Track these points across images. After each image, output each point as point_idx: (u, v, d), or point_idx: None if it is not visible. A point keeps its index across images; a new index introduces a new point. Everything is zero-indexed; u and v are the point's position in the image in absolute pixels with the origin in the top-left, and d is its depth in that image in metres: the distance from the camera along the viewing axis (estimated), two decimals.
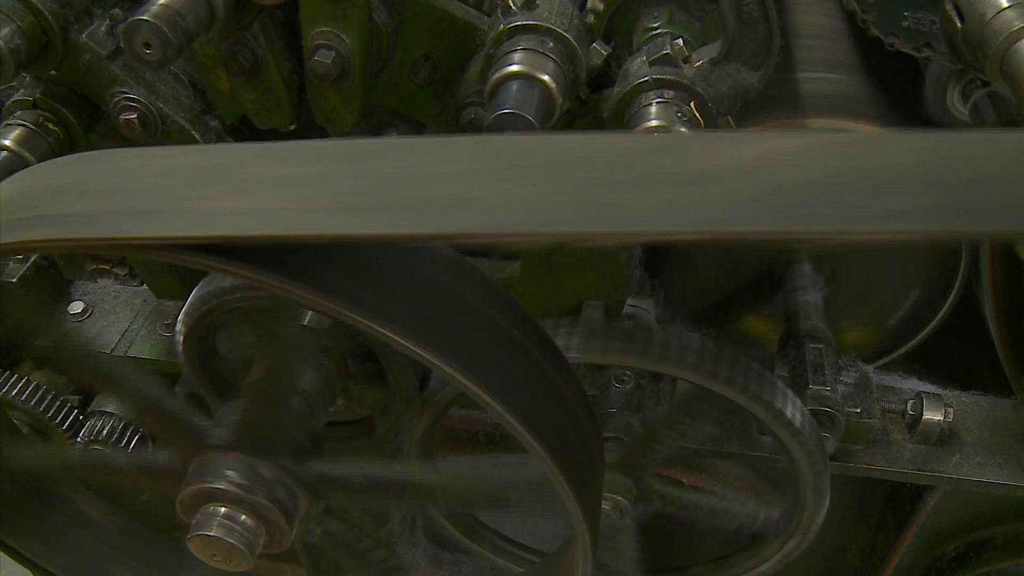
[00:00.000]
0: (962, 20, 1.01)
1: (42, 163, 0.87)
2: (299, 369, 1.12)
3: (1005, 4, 0.96)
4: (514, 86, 0.96)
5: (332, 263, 0.72)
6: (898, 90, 1.34)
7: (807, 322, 1.31)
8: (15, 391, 1.45)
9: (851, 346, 1.43)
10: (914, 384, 1.38)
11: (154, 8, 0.98)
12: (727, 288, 1.44)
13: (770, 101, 1.26)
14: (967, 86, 1.23)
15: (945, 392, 1.36)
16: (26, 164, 1.20)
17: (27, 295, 1.43)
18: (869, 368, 1.34)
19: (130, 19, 0.99)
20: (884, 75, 1.35)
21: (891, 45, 1.20)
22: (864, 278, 1.43)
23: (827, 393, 1.21)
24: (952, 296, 1.42)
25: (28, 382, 1.47)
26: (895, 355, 1.51)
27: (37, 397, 1.46)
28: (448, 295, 0.80)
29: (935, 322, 1.47)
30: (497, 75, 0.97)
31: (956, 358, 1.56)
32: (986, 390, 1.39)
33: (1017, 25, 0.93)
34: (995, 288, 1.26)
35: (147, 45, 0.99)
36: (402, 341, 0.72)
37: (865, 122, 1.30)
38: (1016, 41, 0.93)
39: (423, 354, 0.73)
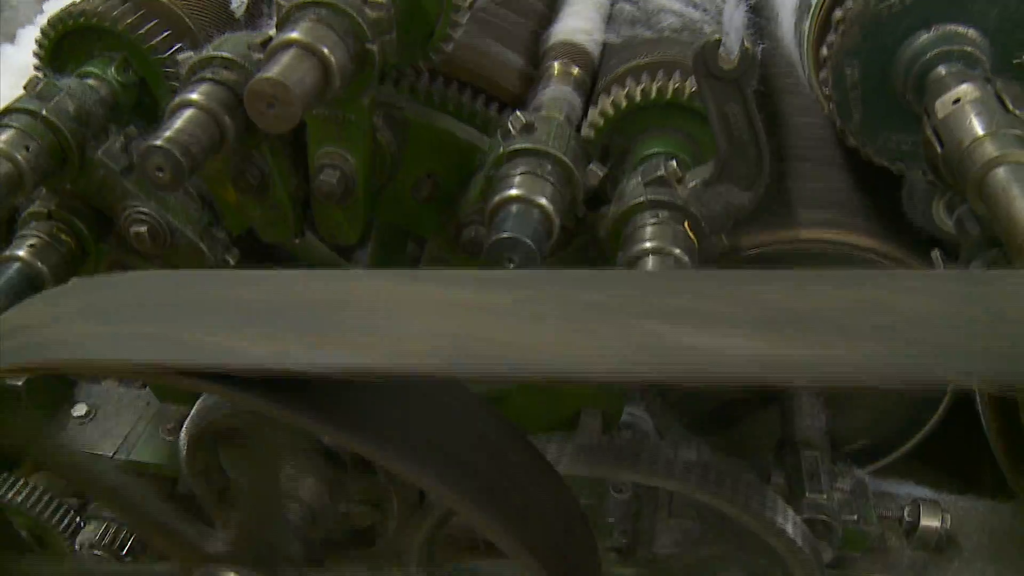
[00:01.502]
0: (941, 145, 1.05)
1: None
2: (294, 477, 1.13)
3: (981, 132, 1.00)
4: (513, 210, 1.00)
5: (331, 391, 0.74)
6: (889, 199, 1.38)
7: (803, 429, 1.33)
8: (12, 494, 1.46)
9: None
10: (911, 489, 1.38)
11: (167, 134, 1.02)
12: (724, 394, 1.46)
13: (762, 212, 1.30)
14: (951, 200, 1.27)
15: (942, 496, 1.36)
16: (38, 275, 1.24)
17: (31, 399, 1.45)
18: (865, 474, 1.35)
19: (144, 145, 1.03)
20: (875, 185, 1.39)
21: (873, 160, 1.24)
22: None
23: (823, 501, 1.22)
24: (947, 397, 1.44)
25: (27, 484, 1.47)
26: (891, 458, 1.52)
27: (35, 500, 1.46)
28: (438, 411, 0.81)
29: (930, 424, 1.48)
30: (497, 199, 1.01)
31: (955, 454, 1.56)
32: (986, 488, 1.40)
33: (993, 154, 0.97)
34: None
35: (160, 169, 1.03)
36: (400, 467, 0.74)
37: (856, 233, 1.33)
38: (993, 168, 0.97)
39: (419, 478, 0.75)
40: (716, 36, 1.00)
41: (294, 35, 0.97)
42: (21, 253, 1.24)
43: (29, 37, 1.94)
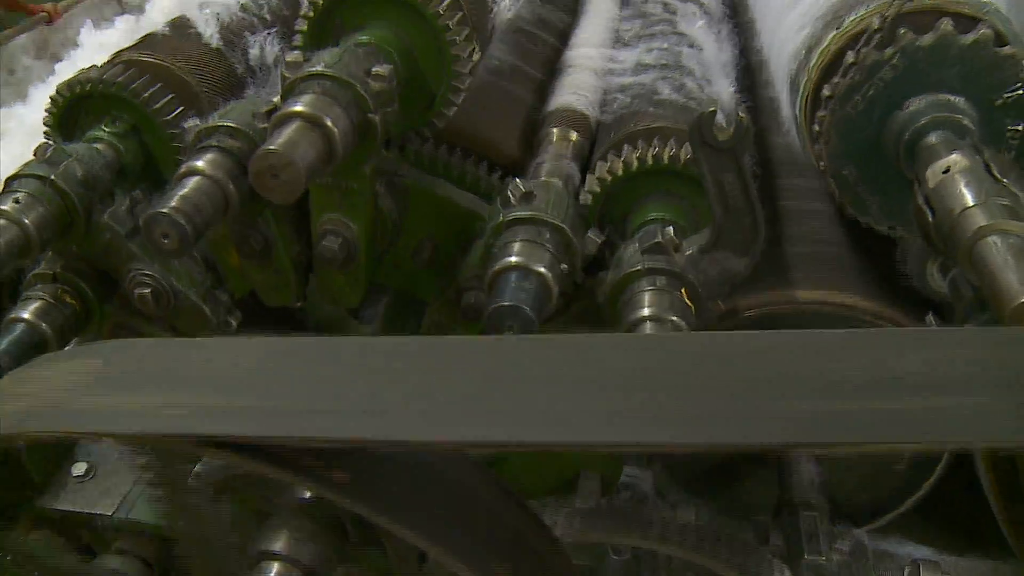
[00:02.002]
0: (933, 213, 1.07)
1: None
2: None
3: (971, 202, 1.02)
4: (512, 278, 1.01)
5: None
6: (883, 259, 1.39)
7: (801, 489, 1.33)
8: (11, 556, 1.45)
9: None
10: (911, 549, 1.38)
11: (173, 202, 1.04)
12: (722, 454, 1.46)
13: (759, 274, 1.31)
14: (944, 262, 1.28)
15: (943, 557, 1.36)
16: (42, 336, 1.25)
17: (31, 457, 1.45)
18: (864, 534, 1.35)
19: (150, 212, 1.04)
20: (870, 246, 1.41)
21: (866, 223, 1.26)
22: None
23: (822, 563, 1.22)
24: (946, 455, 1.44)
25: (26, 543, 1.47)
26: (892, 516, 1.51)
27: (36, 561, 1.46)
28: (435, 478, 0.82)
29: (930, 482, 1.48)
30: (496, 266, 1.03)
31: (957, 510, 1.56)
32: (989, 546, 1.39)
33: (983, 223, 0.99)
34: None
35: (165, 236, 1.04)
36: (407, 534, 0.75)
37: (852, 294, 1.35)
38: (983, 238, 0.99)
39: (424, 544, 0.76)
40: (712, 108, 1.02)
41: (298, 107, 0.99)
42: (25, 315, 1.25)
43: (40, 96, 1.98)
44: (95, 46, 2.03)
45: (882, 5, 1.15)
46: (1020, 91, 1.12)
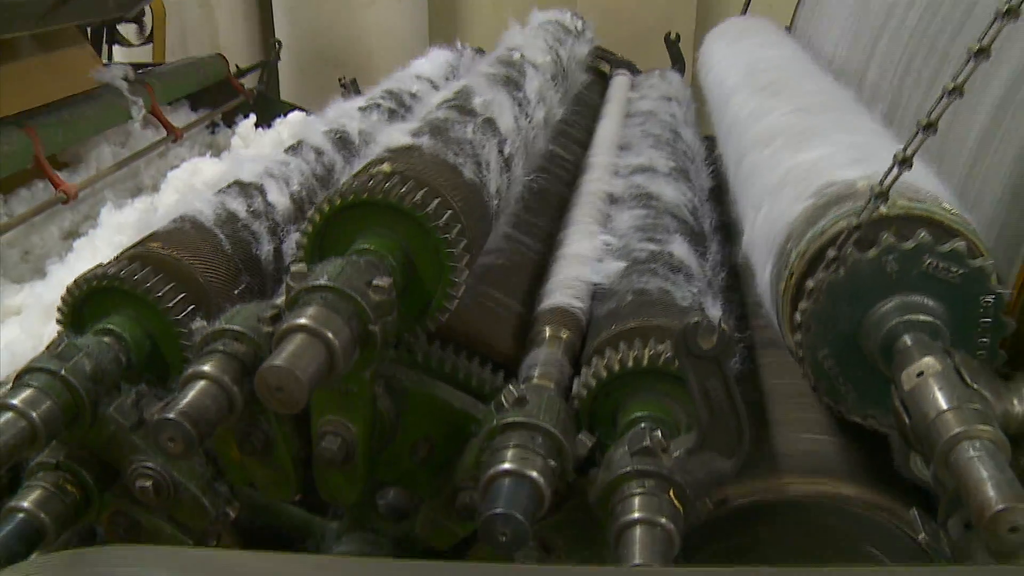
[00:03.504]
0: (909, 416, 1.12)
1: None
2: None
3: (945, 407, 1.07)
4: (506, 484, 1.04)
5: None
6: (873, 447, 1.42)
7: None
8: None
9: None
10: None
11: (180, 406, 1.07)
12: None
13: (749, 460, 1.34)
14: (926, 455, 1.32)
15: None
16: (41, 526, 1.26)
17: None
18: None
19: (158, 417, 1.08)
20: (859, 433, 1.44)
21: (839, 412, 1.30)
22: None
23: None
24: None
25: None
26: None
27: None
28: None
29: None
30: (491, 472, 1.06)
31: None
32: None
33: (957, 429, 1.04)
34: None
35: (172, 440, 1.08)
36: None
37: (843, 481, 1.37)
38: (957, 444, 1.03)
39: None
40: (696, 319, 1.08)
41: (302, 321, 1.04)
42: (26, 504, 1.27)
43: (59, 273, 2.06)
44: (114, 226, 2.12)
45: (855, 210, 1.23)
46: (992, 303, 1.19)
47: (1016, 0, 1.13)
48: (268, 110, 3.67)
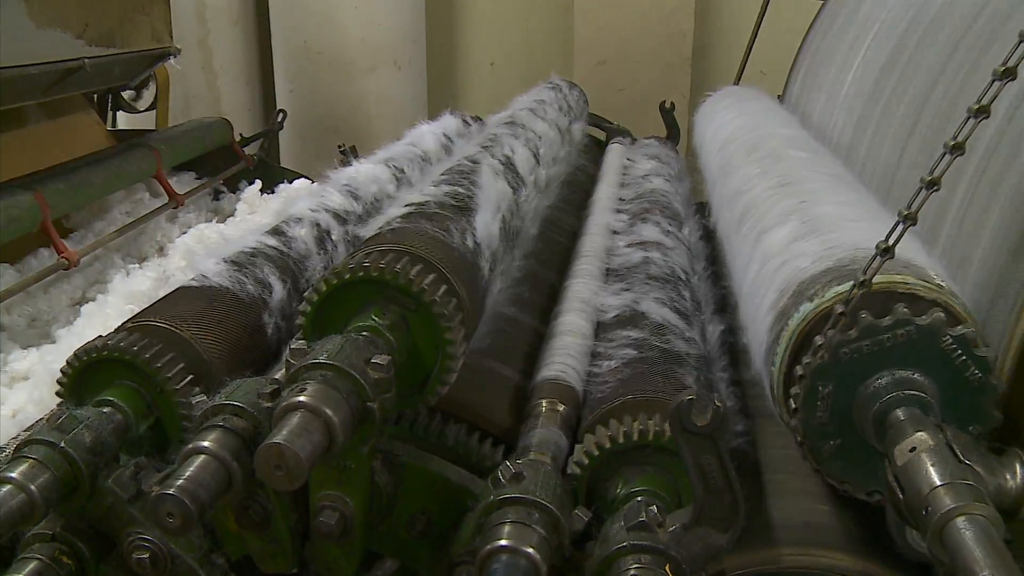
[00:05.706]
0: (902, 491, 1.12)
1: None
2: None
3: (938, 483, 1.07)
4: (503, 560, 1.05)
5: None
6: (869, 518, 1.43)
7: None
8: None
9: None
10: None
11: (179, 483, 1.08)
12: None
13: (746, 531, 1.34)
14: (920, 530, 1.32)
15: None
16: None
17: None
18: None
19: (157, 492, 1.08)
20: (856, 504, 1.44)
21: (845, 491, 1.31)
22: None
23: None
24: None
25: None
26: None
27: None
28: None
29: None
30: (487, 548, 1.06)
31: None
32: None
33: (950, 505, 1.04)
34: None
35: (171, 515, 1.08)
36: None
37: (839, 552, 1.37)
38: (950, 520, 1.04)
39: None
40: (689, 396, 1.10)
41: (302, 399, 1.06)
42: None
43: (67, 339, 2.07)
44: (125, 295, 2.15)
45: (841, 294, 1.25)
46: (978, 375, 1.20)
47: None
48: (269, 176, 3.72)
